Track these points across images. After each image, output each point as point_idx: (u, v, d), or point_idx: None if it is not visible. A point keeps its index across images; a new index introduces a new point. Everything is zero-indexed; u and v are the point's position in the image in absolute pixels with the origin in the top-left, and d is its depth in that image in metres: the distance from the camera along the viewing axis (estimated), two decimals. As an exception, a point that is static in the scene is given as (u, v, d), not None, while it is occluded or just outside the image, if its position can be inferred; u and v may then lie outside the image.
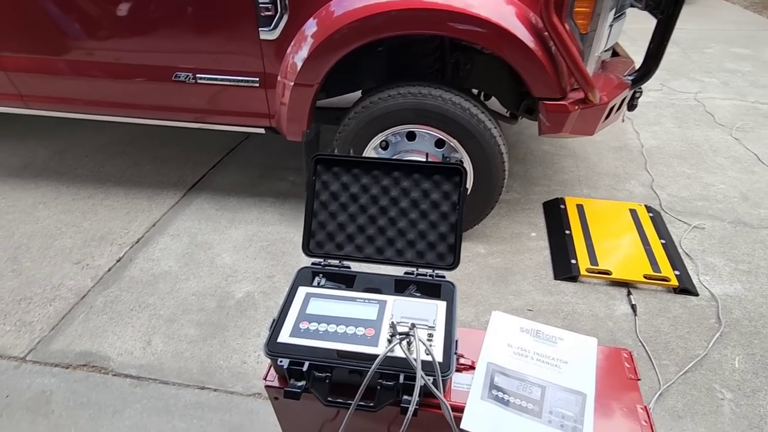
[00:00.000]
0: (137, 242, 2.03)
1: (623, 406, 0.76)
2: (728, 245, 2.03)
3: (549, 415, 0.74)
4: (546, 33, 1.50)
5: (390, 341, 0.73)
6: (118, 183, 2.40)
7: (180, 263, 1.92)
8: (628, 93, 1.88)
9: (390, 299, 0.82)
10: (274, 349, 0.75)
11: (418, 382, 0.66)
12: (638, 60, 1.90)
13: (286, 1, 1.56)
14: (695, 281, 1.85)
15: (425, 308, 0.81)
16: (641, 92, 2.06)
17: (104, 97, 1.94)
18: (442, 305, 0.82)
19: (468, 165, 1.80)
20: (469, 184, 1.84)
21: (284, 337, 0.77)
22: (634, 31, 4.80)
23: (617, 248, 1.97)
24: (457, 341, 0.77)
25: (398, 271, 0.91)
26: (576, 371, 0.80)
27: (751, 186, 2.41)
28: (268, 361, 0.78)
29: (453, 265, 0.88)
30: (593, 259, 1.92)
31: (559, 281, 1.87)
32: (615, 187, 2.41)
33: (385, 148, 1.83)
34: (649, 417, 0.74)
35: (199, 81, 1.78)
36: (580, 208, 2.21)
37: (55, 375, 1.50)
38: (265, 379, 0.79)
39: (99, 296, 1.77)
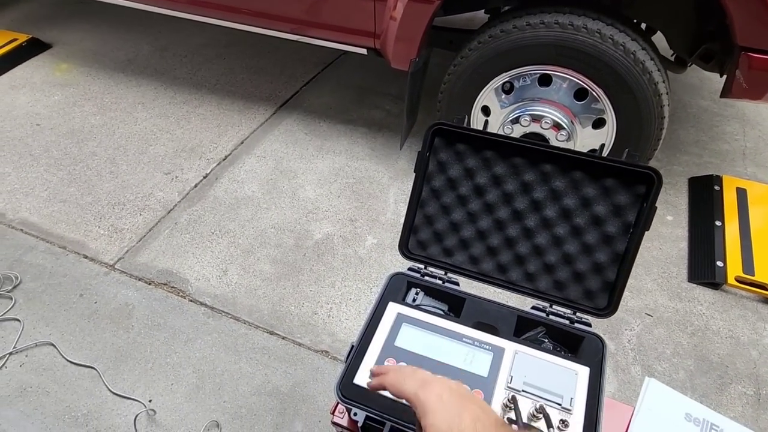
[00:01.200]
0: (224, 159, 1.95)
1: None
2: None
3: None
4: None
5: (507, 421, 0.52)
6: (212, 90, 2.30)
7: (263, 189, 1.82)
8: None
9: (510, 348, 0.60)
10: (348, 394, 0.57)
11: None
12: None
13: None
14: None
15: (559, 376, 0.57)
16: None
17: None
18: (584, 373, 0.58)
19: (611, 124, 1.41)
20: (607, 149, 1.47)
21: (364, 377, 0.58)
22: None
23: (786, 256, 1.54)
24: (601, 436, 0.54)
25: (524, 303, 0.67)
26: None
27: None
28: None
29: (606, 312, 0.63)
30: (748, 265, 1.52)
31: (694, 285, 1.52)
32: (796, 171, 1.86)
33: (508, 92, 1.49)
34: None
35: (300, -15, 1.52)
36: (741, 194, 1.74)
37: (138, 289, 1.51)
38: (332, 413, 0.63)
39: (184, 213, 1.74)
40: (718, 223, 1.64)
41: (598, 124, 1.44)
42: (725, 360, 1.34)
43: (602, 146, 1.47)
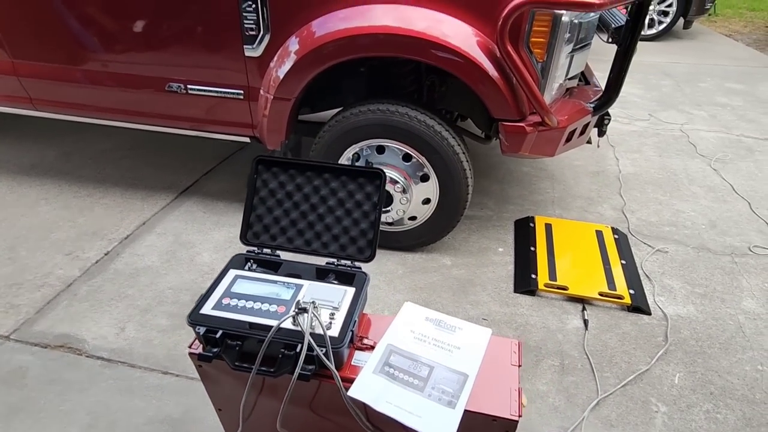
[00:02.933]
0: (126, 238, 2.18)
1: (500, 386, 0.85)
2: (688, 269, 2.10)
3: (431, 390, 0.84)
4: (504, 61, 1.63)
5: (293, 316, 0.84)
6: (117, 184, 2.57)
7: (162, 259, 2.06)
8: (591, 119, 1.98)
9: (306, 283, 0.94)
10: (195, 318, 0.86)
11: (304, 349, 0.77)
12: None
13: (269, 23, 1.72)
14: (650, 301, 1.91)
15: (335, 292, 0.92)
16: (609, 118, 2.17)
17: (105, 103, 2.11)
18: (351, 290, 0.93)
19: (433, 179, 1.91)
20: (435, 197, 1.96)
21: (207, 309, 0.88)
22: (633, 64, 4.91)
23: (577, 266, 2.05)
24: (356, 321, 0.87)
25: (323, 261, 1.02)
26: (465, 356, 0.90)
27: (721, 214, 2.47)
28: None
29: (370, 258, 0.99)
30: (553, 274, 2.00)
31: (517, 294, 1.95)
32: (586, 210, 2.49)
33: (357, 160, 1.96)
34: (519, 397, 0.83)
35: (189, 92, 1.95)
36: (548, 227, 2.30)
37: (33, 353, 1.62)
38: (190, 347, 0.90)
39: (83, 285, 1.91)
40: (532, 248, 2.15)
41: (425, 178, 1.93)
42: (539, 343, 1.74)
43: (431, 197, 1.96)
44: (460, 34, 1.65)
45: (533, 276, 1.99)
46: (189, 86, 1.93)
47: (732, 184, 2.73)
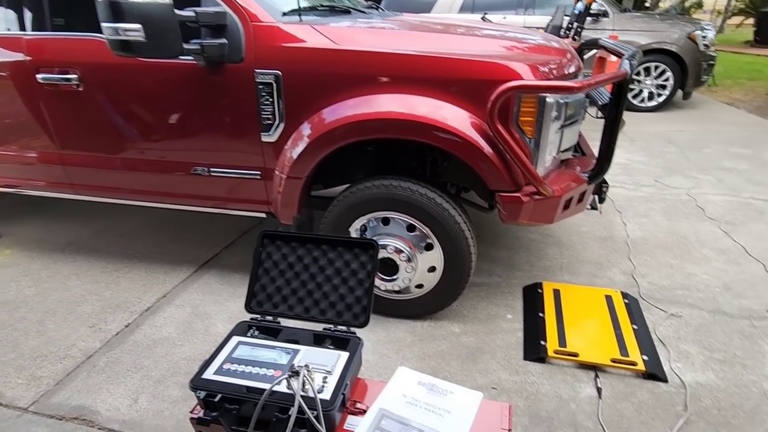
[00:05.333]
0: (147, 310, 2.28)
1: (489, 450, 0.86)
2: (705, 334, 2.05)
3: (420, 454, 0.86)
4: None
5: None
6: (142, 259, 2.73)
7: (179, 330, 2.14)
8: (587, 187, 2.07)
9: (303, 348, 1.00)
10: (197, 383, 0.92)
11: (294, 411, 0.81)
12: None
13: (283, 112, 1.92)
14: (666, 368, 1.86)
15: (328, 356, 0.97)
16: (608, 186, 2.26)
17: (138, 186, 2.32)
18: (344, 355, 0.98)
19: (437, 247, 1.99)
20: (440, 265, 2.02)
21: (209, 374, 0.95)
22: (633, 132, 5.09)
23: (588, 332, 2.03)
24: (347, 384, 0.92)
25: (321, 327, 1.09)
26: (455, 419, 0.92)
27: (735, 277, 2.44)
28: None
29: (364, 323, 1.06)
30: (562, 341, 1.98)
31: (527, 362, 1.93)
32: (595, 275, 2.50)
33: (364, 232, 2.06)
34: (507, 460, 0.84)
35: (212, 174, 2.14)
36: (556, 293, 2.30)
37: (48, 425, 1.67)
38: (191, 412, 0.96)
39: (103, 357, 1.99)
40: (541, 314, 2.16)
41: (429, 247, 2.01)
42: (552, 413, 1.70)
43: (436, 265, 2.02)
44: (456, 117, 1.81)
45: (543, 343, 1.98)
46: (212, 169, 2.12)
47: (744, 246, 2.71)
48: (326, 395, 0.88)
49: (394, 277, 2.05)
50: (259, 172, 2.09)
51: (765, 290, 2.32)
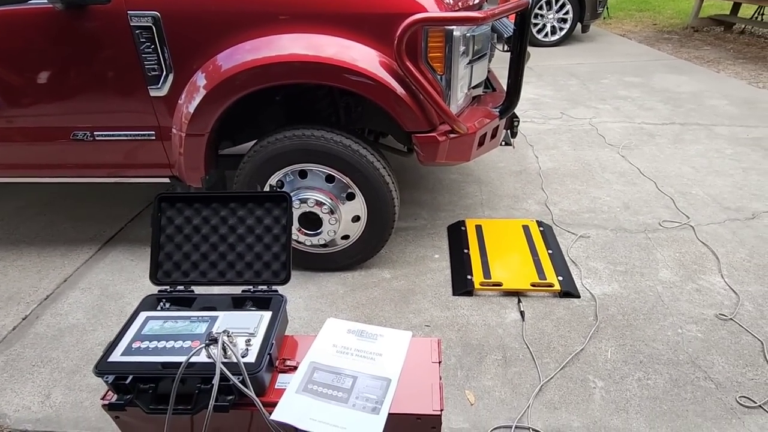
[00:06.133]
0: (46, 299, 2.04)
1: (422, 384, 0.87)
2: (609, 250, 2.25)
3: (355, 400, 0.85)
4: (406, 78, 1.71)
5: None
6: (32, 243, 2.42)
7: (88, 315, 1.95)
8: (498, 122, 2.11)
9: (221, 314, 0.93)
10: (102, 368, 0.83)
11: (216, 379, 0.76)
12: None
13: (170, 62, 1.71)
14: (579, 285, 2.03)
15: (250, 319, 0.91)
16: (518, 120, 2.31)
17: (13, 159, 2.00)
18: (267, 315, 0.93)
19: (359, 196, 1.95)
20: (363, 214, 1.99)
21: (116, 356, 0.85)
22: (539, 68, 5.28)
23: (509, 262, 2.15)
24: (273, 344, 0.87)
25: (239, 290, 1.01)
26: (387, 361, 0.92)
27: (632, 196, 2.68)
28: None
29: (285, 280, 1.00)
30: (487, 273, 2.08)
31: (456, 297, 2.01)
32: (513, 207, 2.62)
33: (281, 187, 1.96)
34: (440, 390, 0.86)
35: (97, 138, 1.89)
36: (478, 229, 2.39)
37: (-56, 439, 1.48)
38: (103, 398, 0.86)
39: (0, 356, 1.77)
40: (465, 251, 2.23)
41: (351, 197, 1.96)
42: (482, 341, 1.79)
43: (360, 215, 1.99)
44: (365, 58, 1.72)
45: (469, 277, 2.06)
46: (96, 132, 1.87)
47: (639, 168, 2.97)
48: (251, 358, 0.83)
49: (319, 230, 1.99)
50: (153, 132, 1.88)
51: (657, 206, 2.58)
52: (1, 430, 1.50)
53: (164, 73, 1.72)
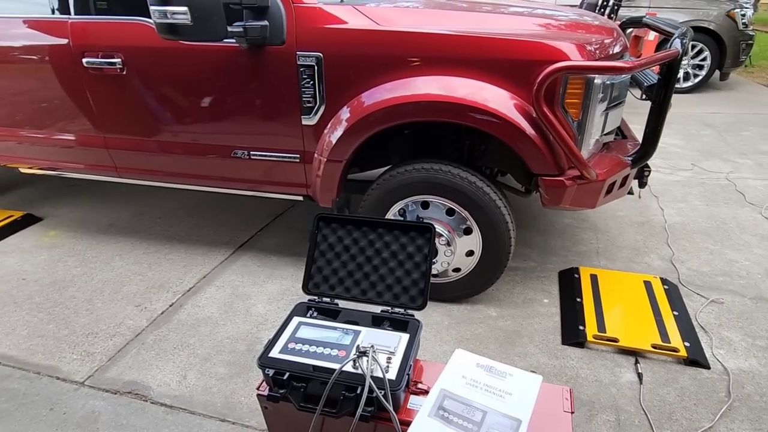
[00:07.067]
0: (189, 291, 2.35)
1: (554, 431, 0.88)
2: (747, 320, 2.02)
3: (485, 433, 0.88)
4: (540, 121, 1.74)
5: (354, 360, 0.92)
6: (181, 241, 2.79)
7: (221, 310, 2.20)
8: (629, 171, 2.03)
9: (364, 330, 1.02)
10: (264, 361, 0.96)
11: (366, 390, 0.84)
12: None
13: (324, 96, 1.93)
14: (708, 354, 1.85)
15: (390, 338, 0.99)
16: (650, 170, 2.21)
17: (180, 169, 2.37)
18: (405, 337, 1.00)
19: (476, 231, 1.99)
20: (478, 249, 2.02)
21: (275, 353, 0.98)
22: (668, 114, 4.93)
23: (627, 317, 2.02)
24: (411, 365, 0.94)
25: (378, 309, 1.10)
26: (517, 401, 0.94)
27: (779, 264, 2.38)
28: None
29: (422, 306, 1.07)
30: (601, 326, 1.98)
31: (566, 346, 1.93)
32: (633, 260, 2.47)
33: (403, 215, 2.07)
34: (572, 442, 0.85)
35: (252, 157, 2.16)
36: (593, 278, 2.29)
37: (104, 399, 1.75)
38: (258, 389, 0.99)
39: (150, 335, 2.06)
40: (578, 299, 2.15)
41: (468, 231, 2.01)
42: (592, 398, 1.70)
43: (475, 249, 2.02)
44: (497, 98, 1.78)
45: (581, 327, 1.98)
46: (252, 152, 2.15)
47: (788, 233, 2.64)
48: (392, 375, 0.91)
49: (433, 260, 2.05)
50: (298, 156, 2.11)
51: (811, 277, 2.26)
52: (145, 400, 1.75)
53: (317, 105, 1.94)
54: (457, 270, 2.09)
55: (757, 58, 7.78)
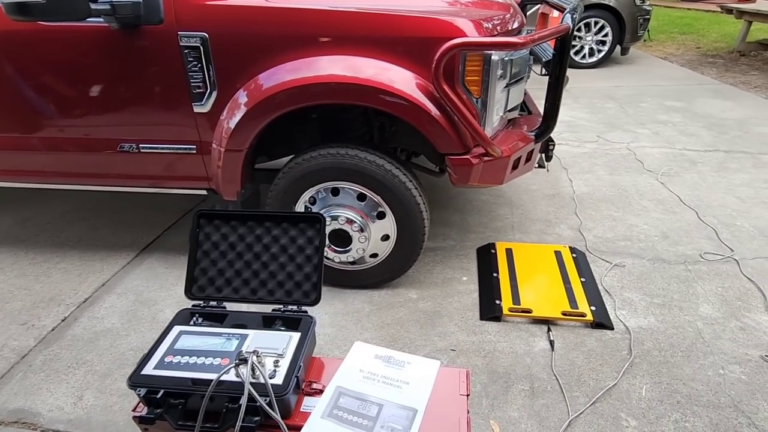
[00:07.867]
0: (84, 302, 2.12)
1: (449, 417, 0.86)
2: (646, 281, 2.16)
3: (380, 429, 0.84)
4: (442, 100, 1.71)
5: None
6: (75, 247, 2.52)
7: (123, 320, 2.01)
8: (534, 146, 2.08)
9: (251, 333, 0.94)
10: (135, 380, 0.85)
11: (244, 400, 0.76)
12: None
13: (215, 80, 1.77)
14: (612, 316, 1.96)
15: (279, 339, 0.92)
16: (554, 144, 2.28)
17: (62, 168, 2.10)
18: (296, 336, 0.93)
19: (390, 215, 1.95)
20: (393, 233, 1.99)
21: (149, 369, 0.87)
22: (576, 90, 5.20)
23: (539, 288, 2.09)
24: (301, 366, 0.88)
25: (269, 309, 1.03)
26: (414, 390, 0.91)
27: (672, 225, 2.58)
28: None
29: (315, 301, 1.01)
30: (516, 299, 2.03)
31: (484, 322, 1.97)
32: (545, 231, 2.57)
33: (313, 204, 1.99)
34: (468, 425, 0.84)
35: (142, 150, 1.97)
36: (509, 252, 2.35)
37: (-17, 434, 1.54)
38: (133, 410, 0.88)
39: (39, 355, 1.84)
40: (495, 274, 2.19)
41: (382, 216, 1.97)
42: (508, 369, 1.75)
43: (390, 233, 1.99)
44: (402, 79, 1.73)
45: (497, 302, 2.02)
46: (141, 145, 1.95)
47: (679, 196, 2.87)
48: (278, 380, 0.84)
49: (348, 248, 2.00)
50: (194, 146, 1.94)
51: (698, 236, 2.48)
52: (34, 429, 1.55)
53: (208, 90, 1.78)
54: (374, 255, 2.06)
55: (655, 32, 8.41)
